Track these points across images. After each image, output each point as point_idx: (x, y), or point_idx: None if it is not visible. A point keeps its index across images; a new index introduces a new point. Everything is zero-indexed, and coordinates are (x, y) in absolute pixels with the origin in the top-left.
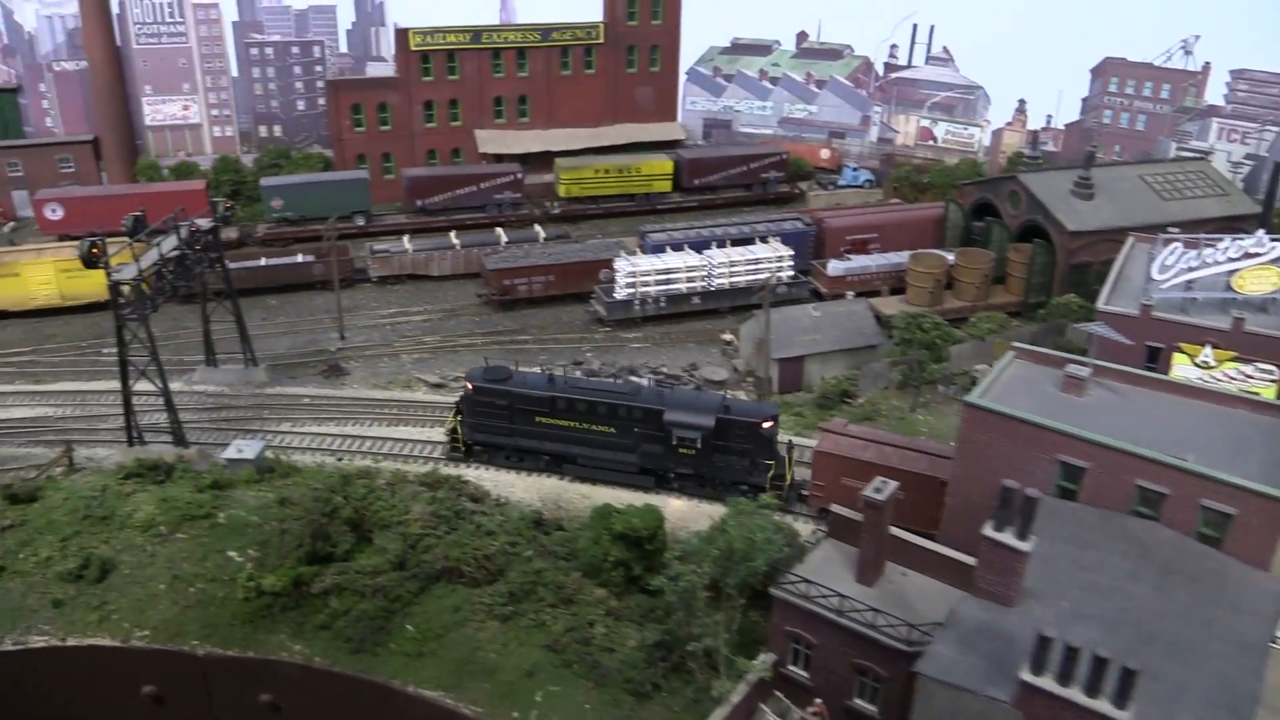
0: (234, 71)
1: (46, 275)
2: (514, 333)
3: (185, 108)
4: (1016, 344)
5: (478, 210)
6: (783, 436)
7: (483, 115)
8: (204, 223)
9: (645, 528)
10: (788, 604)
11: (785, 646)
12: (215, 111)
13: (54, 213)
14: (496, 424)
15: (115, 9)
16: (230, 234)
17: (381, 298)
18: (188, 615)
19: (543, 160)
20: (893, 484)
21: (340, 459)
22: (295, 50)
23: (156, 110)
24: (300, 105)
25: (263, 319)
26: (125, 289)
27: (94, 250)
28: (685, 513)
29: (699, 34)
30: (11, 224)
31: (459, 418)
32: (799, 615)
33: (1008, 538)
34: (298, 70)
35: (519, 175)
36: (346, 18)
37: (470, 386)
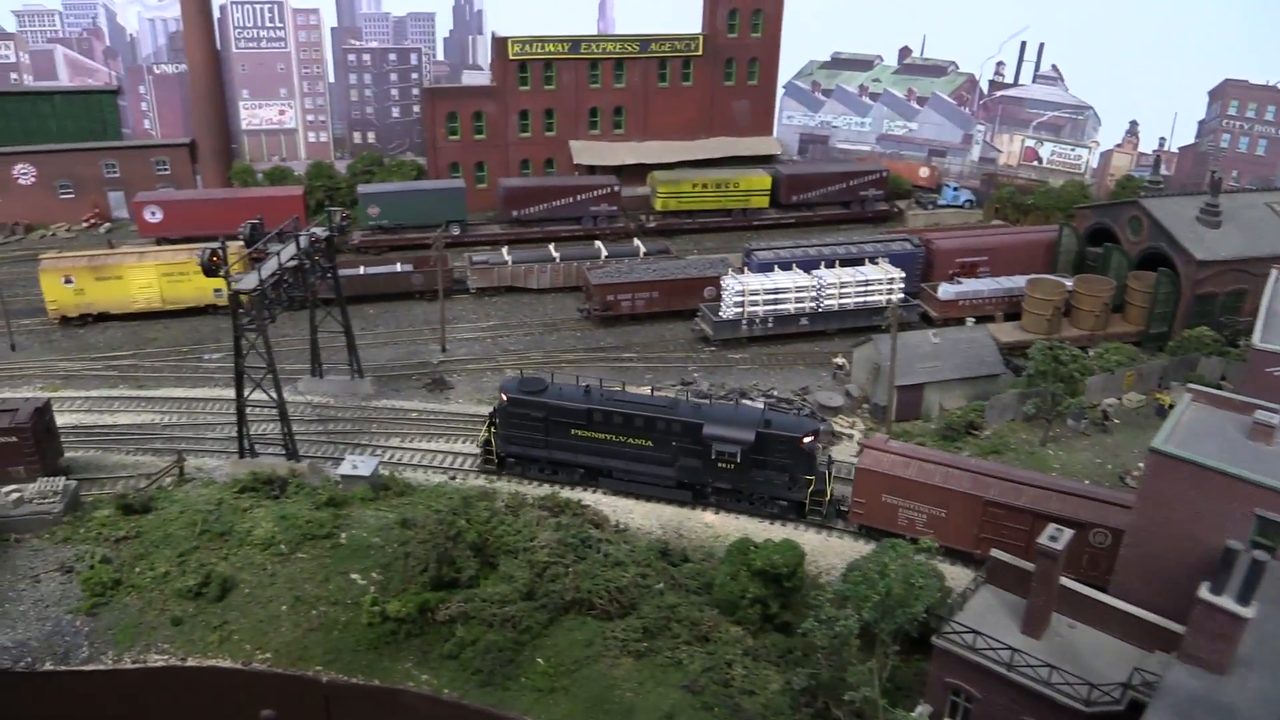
0: (331, 77)
1: (149, 279)
2: (617, 349)
3: (281, 112)
4: (1193, 386)
5: (573, 222)
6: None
7: (578, 126)
8: (320, 231)
9: (785, 564)
10: (949, 654)
11: (944, 699)
12: (311, 117)
13: (153, 215)
14: (532, 436)
15: (216, 13)
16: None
17: (480, 309)
18: (310, 639)
19: (636, 172)
20: (1068, 532)
21: (454, 477)
22: (392, 57)
23: (253, 114)
24: (395, 112)
25: (362, 328)
26: (244, 298)
27: (214, 259)
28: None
29: (799, 47)
30: (107, 225)
31: (493, 429)
32: (962, 666)
33: (1227, 602)
34: (394, 77)
35: (616, 188)
36: (445, 25)
37: (505, 397)
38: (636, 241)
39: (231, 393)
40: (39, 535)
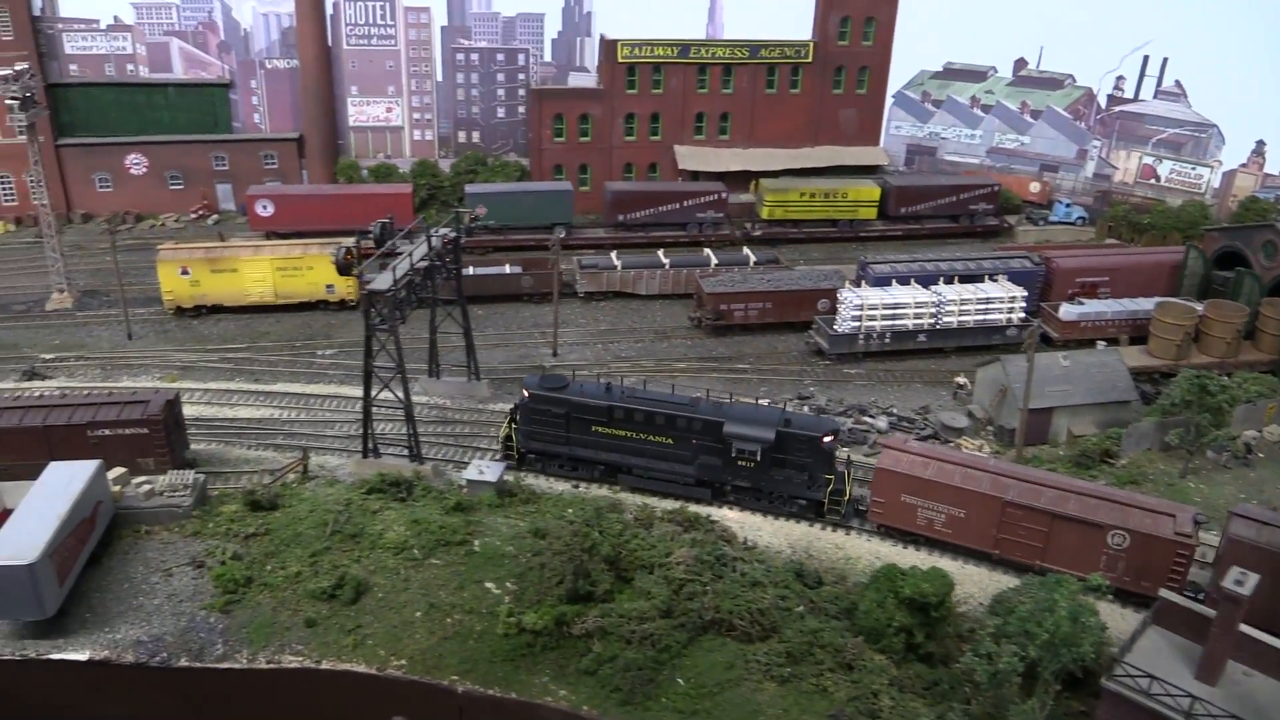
0: (439, 76)
1: (263, 273)
2: (729, 360)
3: (388, 110)
4: None
5: (678, 228)
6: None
7: (683, 131)
8: (449, 231)
9: (934, 593)
10: (1121, 698)
11: None
12: (417, 115)
13: (264, 209)
14: (553, 432)
15: (329, 10)
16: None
17: (588, 314)
18: (445, 647)
19: (738, 179)
20: (1254, 576)
21: (576, 486)
22: (500, 57)
23: (360, 111)
24: (500, 112)
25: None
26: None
27: (349, 256)
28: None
29: (910, 57)
30: (215, 216)
31: (513, 425)
32: (1134, 712)
33: None
34: (501, 77)
35: (723, 195)
36: (553, 26)
37: (527, 394)
38: (746, 250)
39: (348, 390)
40: (168, 528)
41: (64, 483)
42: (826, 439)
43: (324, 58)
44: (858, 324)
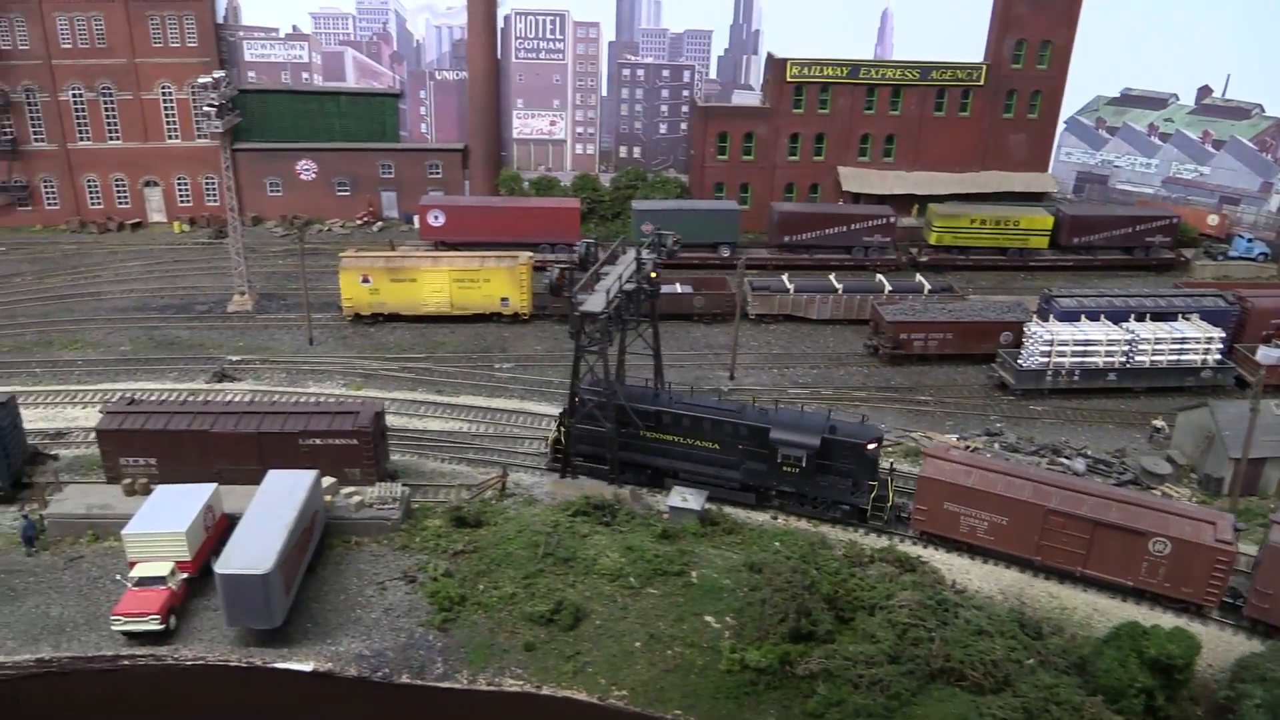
0: (604, 90)
1: (441, 283)
2: (908, 390)
3: (552, 123)
4: None
5: (844, 251)
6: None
7: (847, 152)
8: (650, 255)
9: (1181, 656)
10: None
11: None
12: (580, 129)
13: (435, 219)
14: (601, 436)
15: (500, 23)
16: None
17: (760, 336)
18: (667, 680)
19: (901, 202)
20: None
21: (775, 517)
22: (665, 73)
23: (525, 124)
24: (662, 128)
25: (643, 349)
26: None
27: (561, 279)
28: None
29: (1086, 82)
30: (380, 224)
31: (562, 429)
32: None
33: None
34: (665, 93)
35: (892, 219)
36: (720, 43)
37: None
38: (919, 278)
39: (531, 406)
40: (377, 540)
41: (286, 491)
42: (870, 446)
43: (492, 70)
44: (1046, 360)
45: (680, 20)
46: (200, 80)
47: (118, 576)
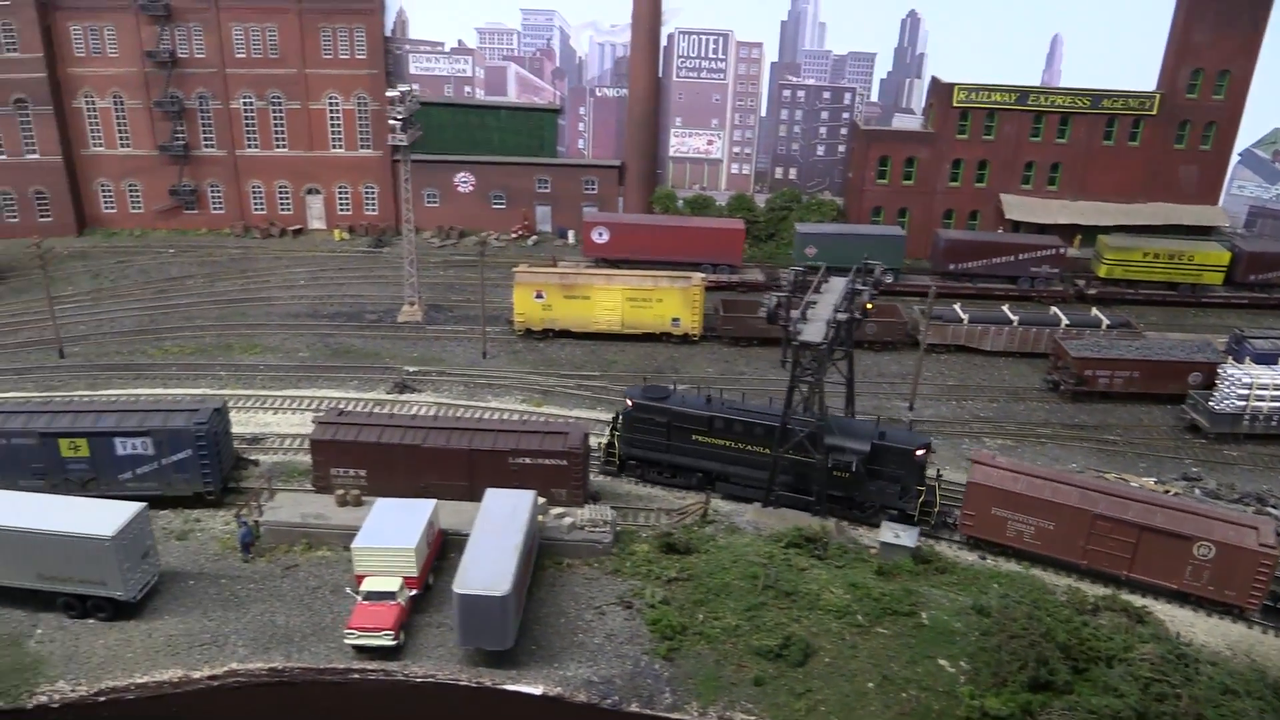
0: (763, 111)
1: (614, 302)
2: (1095, 429)
3: (709, 142)
4: None
5: (1009, 281)
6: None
7: (1010, 179)
8: (861, 286)
9: None
10: None
11: None
12: (736, 149)
13: (599, 236)
14: (653, 440)
15: (663, 41)
16: (756, 276)
17: (931, 366)
18: None
19: (1063, 232)
20: None
21: (984, 558)
22: (826, 95)
23: (682, 142)
24: (820, 150)
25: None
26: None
27: (779, 307)
28: None
29: (1263, 113)
30: (534, 238)
31: (616, 433)
32: None
33: None
34: (824, 115)
35: (1062, 250)
36: (883, 66)
37: (630, 403)
38: (1095, 312)
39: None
40: (588, 563)
41: (509, 511)
42: (919, 452)
43: (653, 88)
44: (1243, 403)
45: (844, 43)
46: (387, 94)
47: (347, 589)
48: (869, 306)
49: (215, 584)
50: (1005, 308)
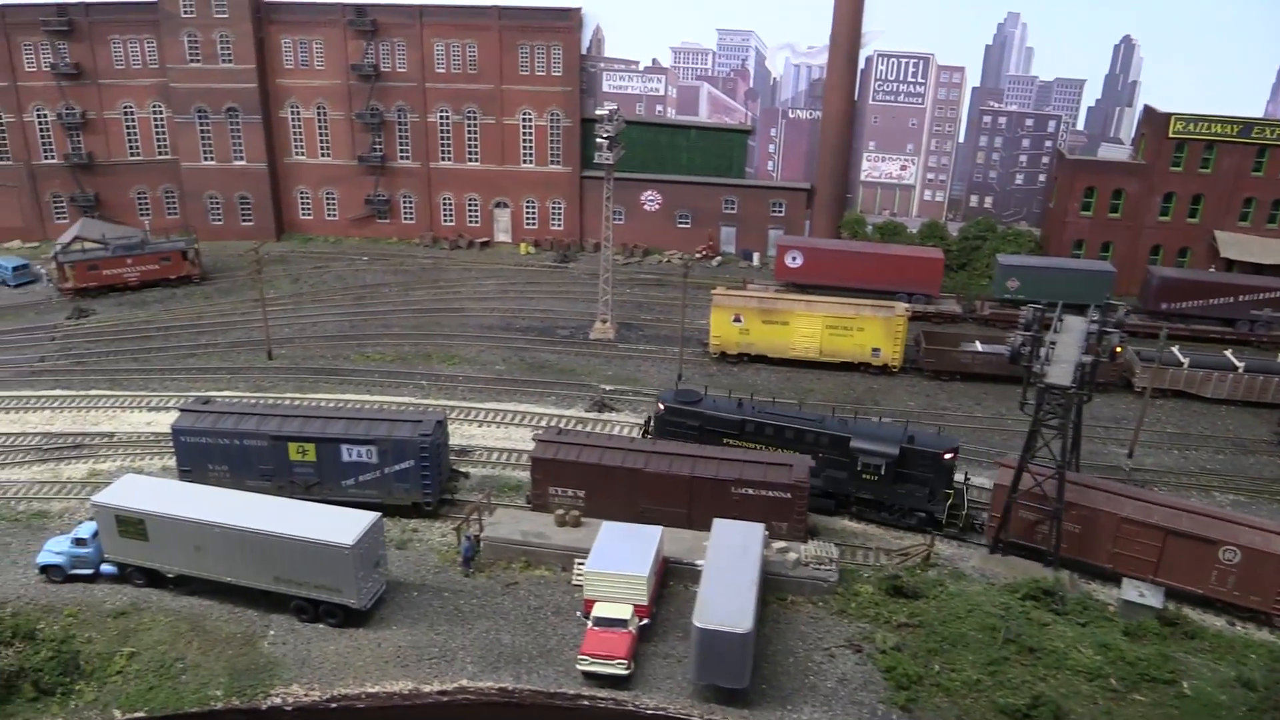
0: (960, 137)
1: (813, 329)
2: None
3: (903, 167)
4: None
5: (1225, 324)
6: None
7: (1226, 216)
8: (1113, 331)
9: None
10: None
11: None
12: (931, 175)
13: (793, 260)
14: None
15: (861, 64)
16: (953, 308)
17: (1147, 411)
18: None
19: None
20: None
21: (1232, 623)
22: (1029, 122)
23: (874, 166)
24: (1018, 179)
25: (1003, 413)
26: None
27: (1023, 346)
28: None
29: None
30: (718, 259)
31: (647, 436)
32: None
33: None
34: (1025, 143)
35: None
36: (1091, 94)
37: (662, 407)
38: None
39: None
40: (812, 601)
41: (740, 544)
42: (947, 455)
43: (848, 111)
44: None
45: (1051, 69)
46: (596, 112)
47: (578, 614)
48: (1119, 350)
49: (439, 597)
50: (1228, 353)
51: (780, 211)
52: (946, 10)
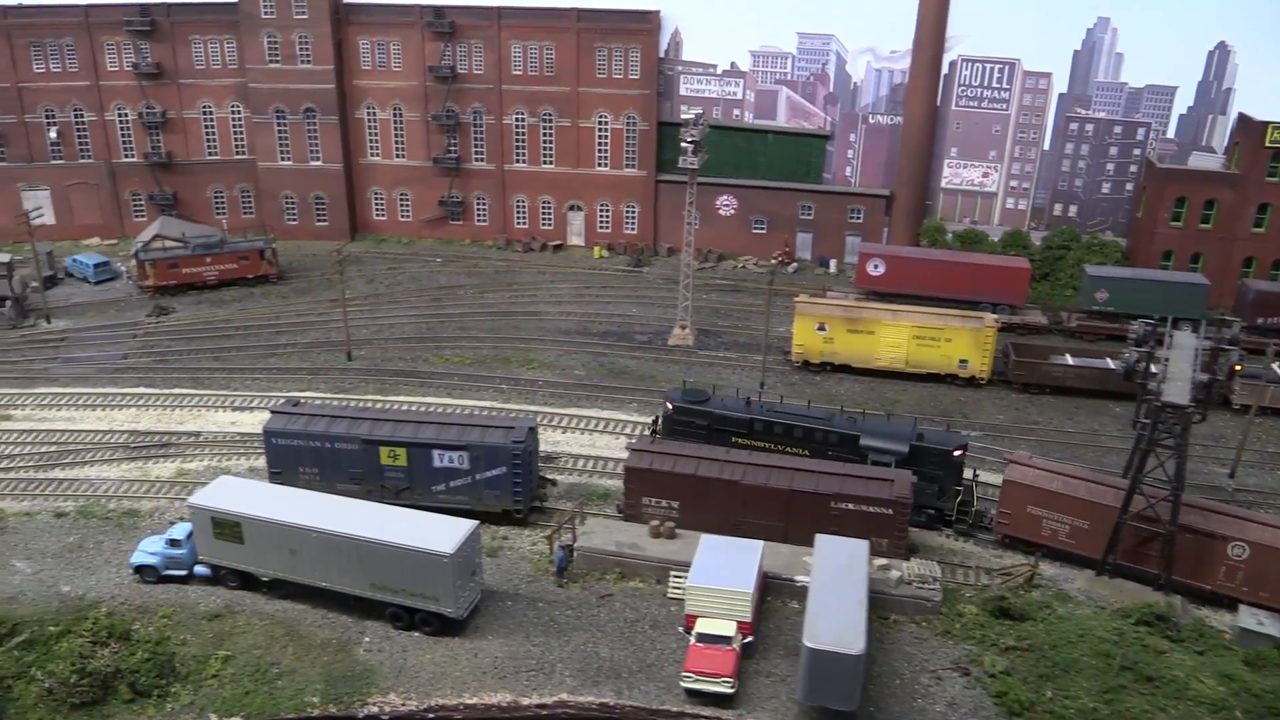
0: (1045, 144)
1: (900, 339)
2: None
3: (985, 175)
4: None
5: None
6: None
7: None
8: (1231, 349)
9: None
10: None
11: None
12: (1014, 183)
13: (875, 268)
14: (694, 442)
15: (944, 69)
16: (1038, 318)
17: (1241, 429)
18: None
19: None
20: None
21: None
22: (1117, 130)
23: (955, 173)
24: (1104, 188)
25: (1097, 429)
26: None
27: (1138, 363)
28: None
29: None
30: (794, 265)
31: (655, 436)
32: None
33: None
34: (1113, 151)
35: None
36: (1183, 101)
37: (670, 406)
38: None
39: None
40: (915, 620)
41: (845, 561)
42: (956, 452)
43: (930, 117)
44: None
45: (1142, 75)
46: (682, 116)
47: (679, 628)
48: (1238, 368)
49: (533, 607)
50: None
51: (858, 218)
52: (1034, 15)
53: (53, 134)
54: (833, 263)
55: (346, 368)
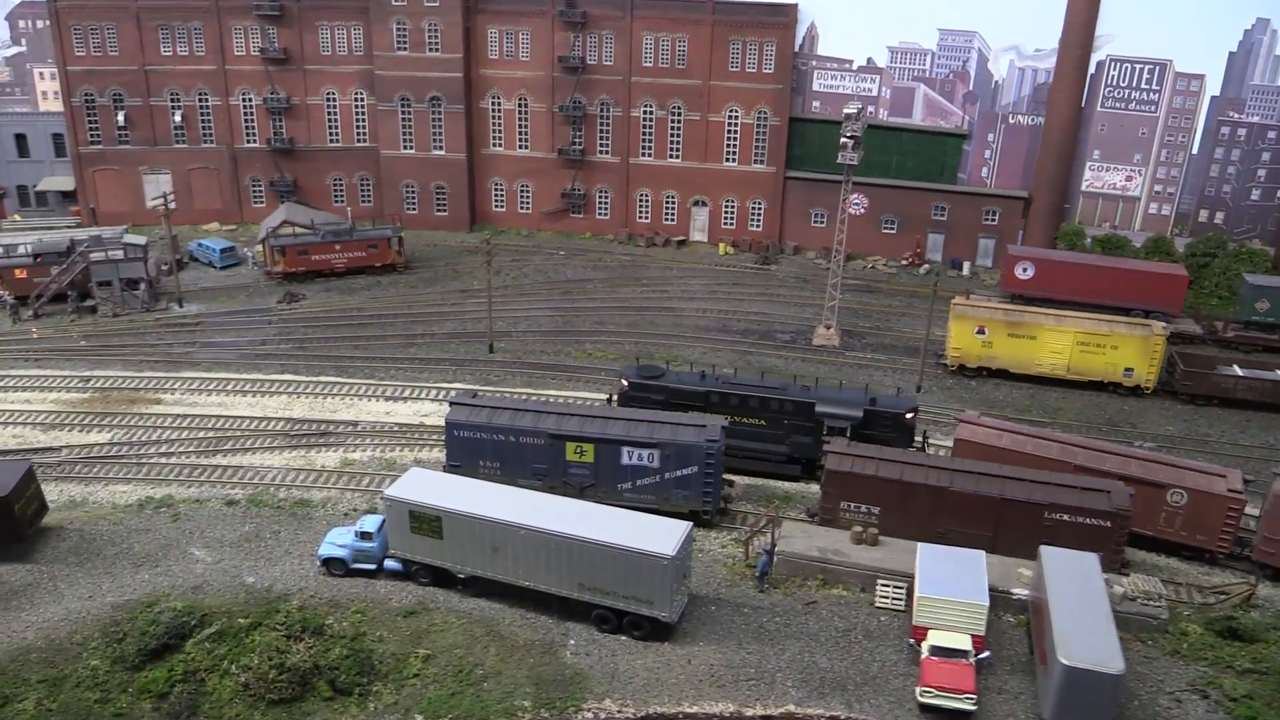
0: (1194, 148)
1: (1062, 344)
2: None
3: (1128, 178)
4: None
5: None
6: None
7: None
8: None
9: None
10: None
11: None
12: (1158, 188)
13: (1023, 272)
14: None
15: (1091, 69)
16: (1192, 327)
17: None
18: None
19: None
20: None
21: None
22: (1271, 135)
23: (1097, 176)
24: (1254, 194)
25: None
26: None
27: None
28: None
29: None
30: (925, 266)
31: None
32: None
33: None
34: (1265, 156)
35: None
36: None
37: (626, 383)
38: None
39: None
40: (1140, 638)
41: (1079, 575)
42: (908, 415)
43: (1074, 118)
44: None
45: None
46: (845, 110)
47: (909, 641)
48: None
49: (738, 613)
50: None
51: (993, 220)
52: (1188, 16)
53: (177, 117)
54: (966, 265)
55: (490, 360)
